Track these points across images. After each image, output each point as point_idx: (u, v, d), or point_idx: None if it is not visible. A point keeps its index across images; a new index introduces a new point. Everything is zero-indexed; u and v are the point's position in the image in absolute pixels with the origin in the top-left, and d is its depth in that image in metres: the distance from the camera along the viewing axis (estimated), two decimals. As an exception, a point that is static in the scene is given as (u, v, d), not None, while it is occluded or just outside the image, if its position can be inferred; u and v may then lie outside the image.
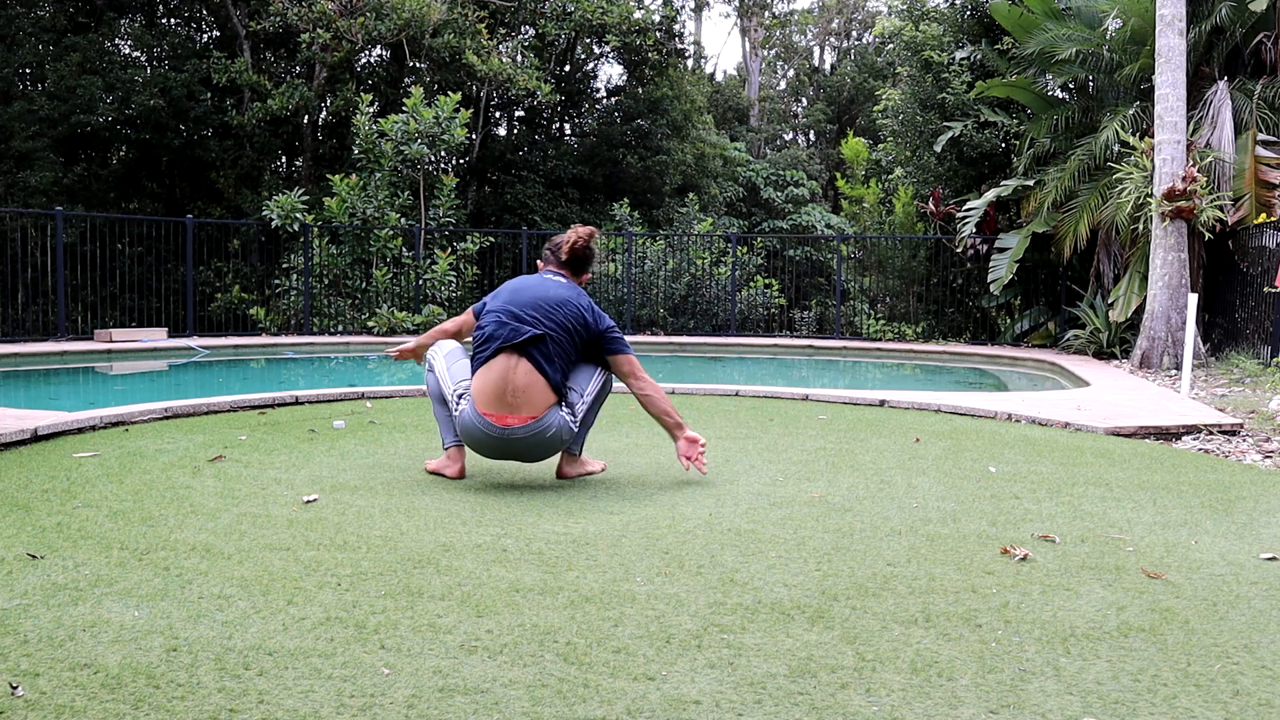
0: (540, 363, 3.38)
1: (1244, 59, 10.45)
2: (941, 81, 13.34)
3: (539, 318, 3.42)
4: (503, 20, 17.95)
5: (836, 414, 5.59)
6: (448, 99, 13.33)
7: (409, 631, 2.01)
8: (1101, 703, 1.74)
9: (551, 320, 3.43)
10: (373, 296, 12.81)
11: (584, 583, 2.36)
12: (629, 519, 3.02)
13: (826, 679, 1.81)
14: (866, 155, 19.30)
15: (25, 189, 14.97)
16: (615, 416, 5.30)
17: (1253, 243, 9.00)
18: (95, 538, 2.67)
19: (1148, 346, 9.16)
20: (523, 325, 3.40)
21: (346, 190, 12.97)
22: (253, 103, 16.71)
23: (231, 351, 10.59)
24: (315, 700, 1.68)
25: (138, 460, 3.81)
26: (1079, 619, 2.17)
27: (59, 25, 16.44)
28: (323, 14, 14.97)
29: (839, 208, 21.57)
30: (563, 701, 1.70)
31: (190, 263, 11.99)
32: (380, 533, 2.79)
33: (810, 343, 12.60)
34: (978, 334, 13.33)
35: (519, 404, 3.37)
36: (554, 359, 3.42)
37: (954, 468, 3.97)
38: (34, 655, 1.84)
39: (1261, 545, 2.85)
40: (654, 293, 14.25)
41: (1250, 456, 4.49)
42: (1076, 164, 10.77)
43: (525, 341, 3.39)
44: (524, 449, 3.45)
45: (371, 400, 5.93)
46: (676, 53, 19.83)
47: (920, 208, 14.54)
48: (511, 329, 3.40)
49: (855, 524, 3.00)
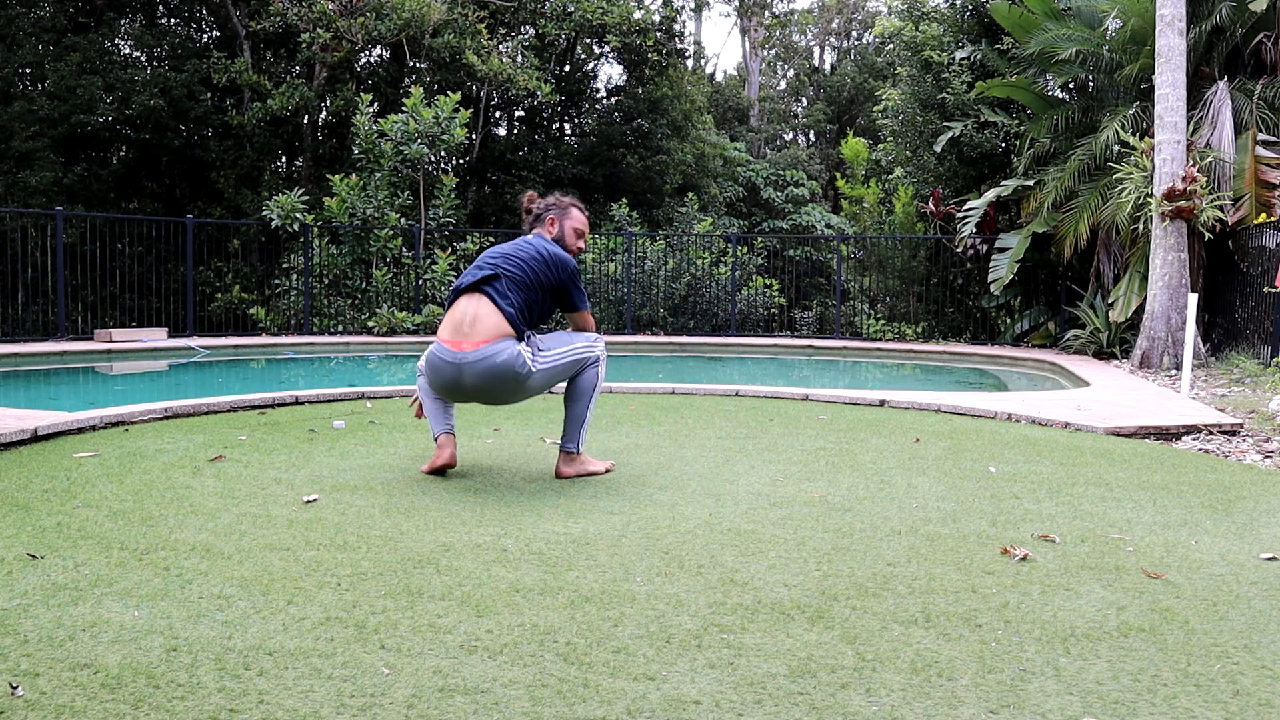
0: (494, 297, 3.49)
1: (1244, 59, 10.45)
2: (941, 81, 13.34)
3: (497, 262, 3.56)
4: (503, 20, 17.96)
5: (836, 414, 5.59)
6: (448, 99, 13.34)
7: (409, 631, 2.01)
8: (1101, 703, 1.74)
9: (508, 261, 3.56)
10: (373, 296, 12.82)
11: (584, 583, 2.36)
12: (629, 519, 3.02)
13: (826, 679, 1.81)
14: (866, 155, 19.30)
15: (25, 189, 14.97)
16: (615, 416, 5.30)
17: (1253, 243, 9.00)
18: (95, 538, 2.67)
19: (1148, 346, 9.16)
20: (480, 270, 3.56)
21: (346, 190, 12.97)
22: (253, 103, 16.71)
23: (231, 351, 10.59)
24: (315, 700, 1.68)
25: (138, 460, 3.81)
26: (1079, 619, 2.17)
27: (59, 25, 16.44)
28: (323, 14, 14.97)
29: (839, 208, 21.58)
30: (563, 701, 1.70)
31: (190, 263, 11.99)
32: (380, 533, 2.79)
33: (810, 343, 12.60)
34: (978, 334, 13.33)
35: (474, 331, 3.46)
36: (508, 294, 3.50)
37: (954, 468, 3.97)
38: (34, 655, 1.84)
39: (1261, 545, 2.85)
40: (654, 293, 14.25)
41: (1250, 456, 4.49)
42: (1076, 164, 10.77)
43: (480, 281, 3.53)
44: (477, 378, 3.45)
45: (371, 400, 5.93)
46: (676, 53, 19.83)
47: (920, 208, 14.54)
48: (469, 275, 3.57)
49: (855, 524, 3.00)
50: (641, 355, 11.81)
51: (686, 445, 4.42)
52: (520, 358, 3.47)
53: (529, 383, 3.53)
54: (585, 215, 3.87)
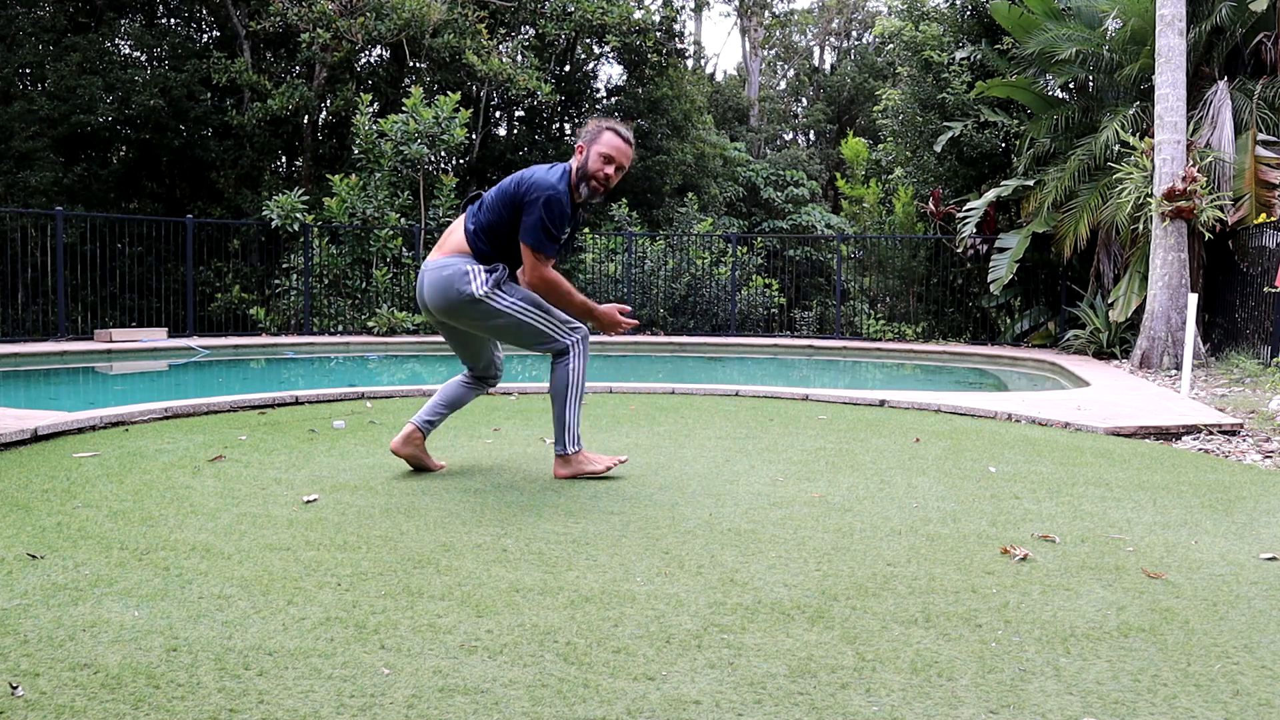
0: (467, 217, 3.49)
1: (1244, 59, 10.46)
2: (941, 81, 13.34)
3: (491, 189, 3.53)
4: (503, 20, 17.96)
5: (836, 414, 5.59)
6: (448, 99, 13.34)
7: (409, 631, 2.01)
8: (1101, 703, 1.74)
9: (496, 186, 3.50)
10: (373, 296, 12.82)
11: (584, 583, 2.36)
12: (629, 519, 3.01)
13: (826, 679, 1.81)
14: (866, 155, 19.30)
15: (25, 189, 14.97)
16: (615, 416, 5.30)
17: (1253, 243, 9.00)
18: (95, 538, 2.67)
19: (1148, 346, 9.16)
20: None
21: (346, 190, 12.97)
22: (253, 103, 16.71)
23: (231, 351, 10.59)
24: (315, 700, 1.68)
25: (138, 460, 3.81)
26: (1079, 619, 2.17)
27: (59, 25, 16.44)
28: (323, 14, 14.98)
29: (839, 208, 21.58)
30: (563, 701, 1.70)
31: (190, 263, 12.00)
32: (380, 533, 2.79)
33: (810, 343, 12.60)
34: (978, 334, 13.33)
35: (440, 246, 3.51)
36: (477, 214, 3.46)
37: (954, 468, 3.97)
38: (34, 655, 1.84)
39: (1261, 545, 2.85)
40: (654, 293, 14.25)
41: (1250, 456, 4.49)
42: (1076, 164, 10.77)
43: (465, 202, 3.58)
44: (428, 290, 3.43)
45: (371, 400, 5.93)
46: (676, 53, 19.84)
47: (920, 208, 14.54)
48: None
49: (855, 524, 3.00)
50: (641, 355, 11.81)
51: (686, 445, 4.42)
52: (467, 276, 3.35)
53: (479, 309, 3.38)
54: (621, 138, 3.41)
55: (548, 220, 3.28)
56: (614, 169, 3.39)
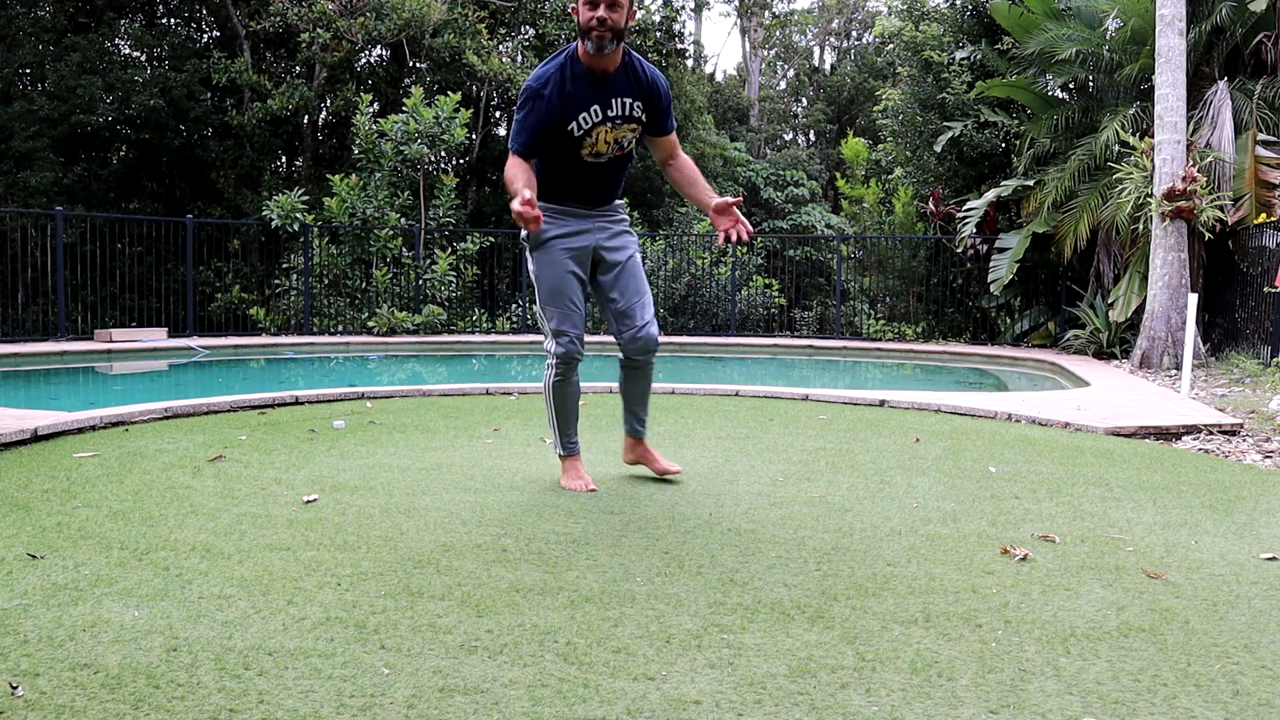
0: None
1: (1244, 59, 10.45)
2: (941, 81, 13.33)
3: None
4: (503, 20, 17.96)
5: (836, 414, 5.59)
6: (448, 99, 13.33)
7: (409, 631, 2.01)
8: (1101, 703, 1.74)
9: None
10: (373, 296, 12.81)
11: (584, 583, 2.36)
12: (629, 519, 3.01)
13: (826, 679, 1.81)
14: (866, 155, 19.30)
15: (25, 189, 14.97)
16: (615, 416, 5.29)
17: (1253, 243, 9.00)
18: (95, 538, 2.67)
19: (1148, 346, 9.16)
20: None
21: (346, 190, 12.97)
22: (253, 103, 16.71)
23: (231, 351, 10.59)
24: (315, 700, 1.68)
25: (138, 460, 3.81)
26: (1079, 619, 2.17)
27: (59, 25, 16.44)
28: (323, 14, 14.98)
29: (839, 208, 21.58)
30: (563, 701, 1.70)
31: (190, 263, 12.00)
32: (380, 533, 2.79)
33: (810, 343, 12.60)
34: (978, 334, 13.33)
35: None
36: None
37: (954, 468, 3.97)
38: (34, 655, 1.84)
39: (1261, 545, 2.85)
40: (654, 293, 14.22)
41: (1250, 456, 4.49)
42: (1076, 164, 10.76)
43: None
44: None
45: (371, 400, 5.93)
46: (676, 53, 19.83)
47: (920, 208, 14.54)
48: None
49: (855, 524, 3.00)
50: (641, 355, 11.77)
51: (686, 445, 4.42)
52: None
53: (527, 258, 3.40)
54: None
55: (519, 115, 3.18)
56: (603, 7, 3.08)
